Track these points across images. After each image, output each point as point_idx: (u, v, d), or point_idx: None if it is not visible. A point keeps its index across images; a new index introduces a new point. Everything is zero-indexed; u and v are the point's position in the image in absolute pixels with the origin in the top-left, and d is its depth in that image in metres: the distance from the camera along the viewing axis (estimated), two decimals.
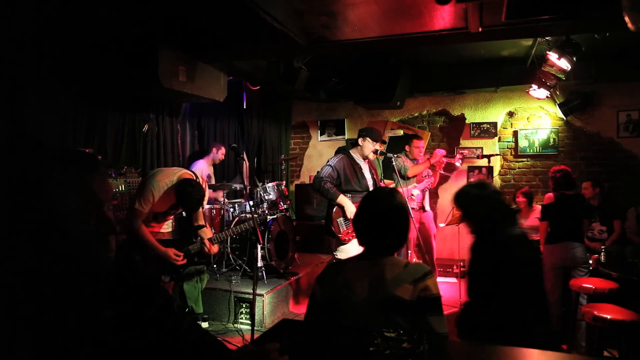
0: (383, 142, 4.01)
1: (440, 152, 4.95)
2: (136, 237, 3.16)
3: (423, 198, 5.31)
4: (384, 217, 1.71)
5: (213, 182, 5.56)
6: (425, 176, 5.30)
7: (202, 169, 5.48)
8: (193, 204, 3.11)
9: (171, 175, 3.18)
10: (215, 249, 3.43)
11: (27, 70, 3.20)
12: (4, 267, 0.90)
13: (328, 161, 3.90)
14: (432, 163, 5.06)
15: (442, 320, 1.60)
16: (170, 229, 3.61)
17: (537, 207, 5.40)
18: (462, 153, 4.89)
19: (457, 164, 5.10)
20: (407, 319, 1.57)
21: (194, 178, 3.23)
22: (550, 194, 4.16)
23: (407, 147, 5.41)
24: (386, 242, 1.71)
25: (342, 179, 3.80)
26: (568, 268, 3.99)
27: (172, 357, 1.10)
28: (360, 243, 1.78)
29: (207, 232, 3.50)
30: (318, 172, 3.88)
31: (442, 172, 5.47)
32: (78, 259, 0.95)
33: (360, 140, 3.92)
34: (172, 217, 3.59)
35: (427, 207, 5.42)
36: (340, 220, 3.76)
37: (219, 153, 5.57)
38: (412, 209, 5.14)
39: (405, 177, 4.97)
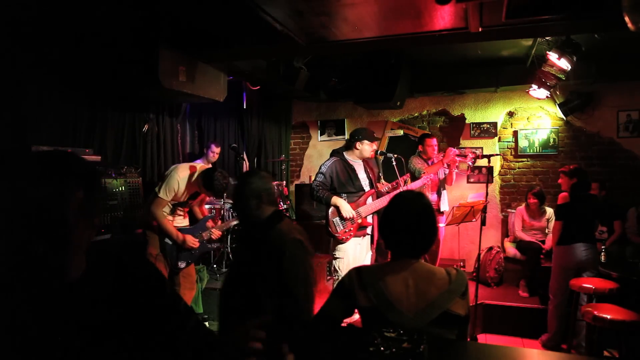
0: (378, 140, 4.01)
1: (453, 151, 4.86)
2: (154, 226, 3.51)
3: (439, 199, 5.11)
4: (414, 219, 1.67)
5: None
6: (423, 173, 5.17)
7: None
8: (219, 189, 3.46)
9: (193, 168, 3.58)
10: (219, 233, 3.93)
11: (27, 71, 3.21)
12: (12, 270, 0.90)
13: (320, 167, 3.91)
14: (446, 162, 4.96)
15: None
16: (183, 223, 3.79)
17: (549, 209, 5.38)
18: (474, 152, 4.79)
19: (470, 163, 5.04)
20: (455, 330, 1.58)
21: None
22: (565, 194, 4.02)
23: (420, 147, 5.23)
24: (416, 245, 1.68)
25: (335, 184, 3.82)
26: (579, 269, 3.92)
27: (176, 357, 1.10)
28: (387, 246, 1.74)
29: (211, 222, 3.98)
30: (313, 181, 3.92)
31: (457, 170, 5.22)
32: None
33: (357, 144, 3.88)
34: (186, 210, 3.80)
35: (445, 208, 5.17)
36: (336, 220, 3.76)
37: (209, 152, 5.55)
38: None
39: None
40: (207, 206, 4.82)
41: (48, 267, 0.92)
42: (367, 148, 3.89)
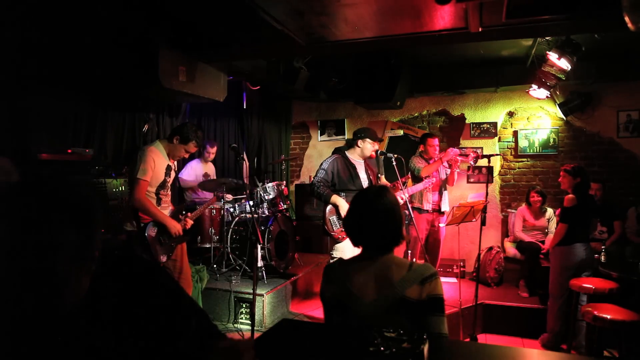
0: (380, 141, 4.01)
1: (453, 151, 4.85)
2: (140, 214, 3.37)
3: (440, 199, 5.10)
4: (374, 216, 1.69)
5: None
6: (426, 176, 5.17)
7: (196, 167, 5.46)
8: (197, 136, 3.49)
9: (156, 142, 3.53)
10: (191, 222, 3.75)
11: (27, 71, 3.21)
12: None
13: (322, 164, 3.91)
14: (445, 161, 4.94)
15: (444, 320, 1.60)
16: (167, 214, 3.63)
17: (549, 209, 5.38)
18: (475, 152, 4.78)
19: (471, 162, 5.03)
20: (412, 319, 1.57)
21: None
22: (572, 196, 3.91)
23: (421, 147, 5.21)
24: (380, 241, 1.69)
25: (336, 180, 3.83)
26: (579, 269, 3.89)
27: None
28: (354, 243, 1.76)
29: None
30: (314, 177, 3.92)
31: (459, 170, 5.18)
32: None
33: (359, 142, 3.91)
34: (169, 195, 3.64)
35: (445, 208, 5.14)
36: (333, 218, 3.78)
37: (204, 152, 5.54)
38: (426, 211, 5.08)
39: (419, 179, 4.87)
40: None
41: (43, 298, 0.81)
42: (368, 147, 3.91)
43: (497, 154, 5.99)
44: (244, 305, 4.39)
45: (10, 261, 0.76)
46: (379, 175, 4.89)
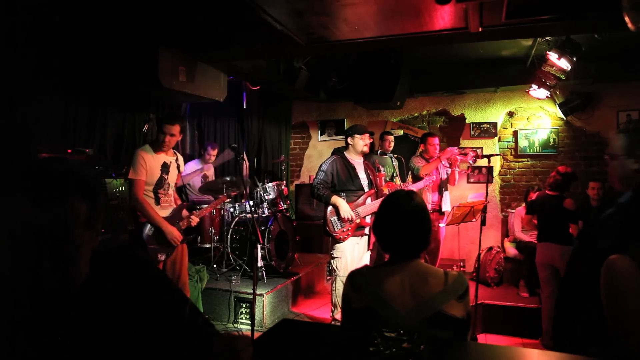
0: (371, 134, 3.98)
1: (452, 150, 4.84)
2: (139, 214, 3.37)
3: (441, 199, 5.09)
4: (403, 220, 1.66)
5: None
6: (426, 175, 5.15)
7: (194, 167, 5.44)
8: (162, 117, 3.60)
9: (146, 143, 3.58)
10: (197, 220, 3.73)
11: (27, 71, 3.21)
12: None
13: (321, 165, 3.92)
14: (444, 159, 4.92)
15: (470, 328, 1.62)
16: (164, 214, 3.56)
17: None
18: (474, 151, 4.76)
19: (470, 161, 4.98)
20: (452, 333, 1.55)
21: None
22: (537, 192, 4.32)
23: (422, 146, 5.22)
24: (409, 245, 1.66)
25: (336, 181, 3.84)
26: (555, 268, 4.03)
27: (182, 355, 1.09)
28: (383, 248, 1.72)
29: (185, 210, 3.78)
30: (314, 179, 3.92)
31: (459, 169, 5.14)
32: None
33: (349, 140, 3.91)
34: (169, 195, 3.58)
35: (447, 208, 5.14)
36: (334, 219, 3.77)
37: (206, 154, 5.53)
38: None
39: (419, 178, 4.86)
40: (206, 206, 4.81)
41: (53, 276, 0.92)
42: (359, 142, 3.89)
43: (497, 154, 5.99)
44: (244, 305, 4.39)
45: (32, 231, 0.89)
46: (395, 175, 4.88)
